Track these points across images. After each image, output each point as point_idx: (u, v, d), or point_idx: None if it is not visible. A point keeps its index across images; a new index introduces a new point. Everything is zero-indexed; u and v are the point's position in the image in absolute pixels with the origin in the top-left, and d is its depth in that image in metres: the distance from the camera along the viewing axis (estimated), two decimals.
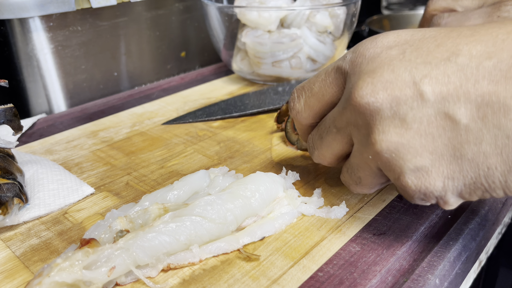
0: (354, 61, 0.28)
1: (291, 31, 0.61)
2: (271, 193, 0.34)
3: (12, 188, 0.34)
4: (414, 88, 0.25)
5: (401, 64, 0.26)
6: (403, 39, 0.27)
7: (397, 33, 0.28)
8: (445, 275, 0.30)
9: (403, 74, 0.25)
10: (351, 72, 0.28)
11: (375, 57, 0.27)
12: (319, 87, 0.31)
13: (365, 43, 0.28)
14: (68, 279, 0.25)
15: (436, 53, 0.25)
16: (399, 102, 0.25)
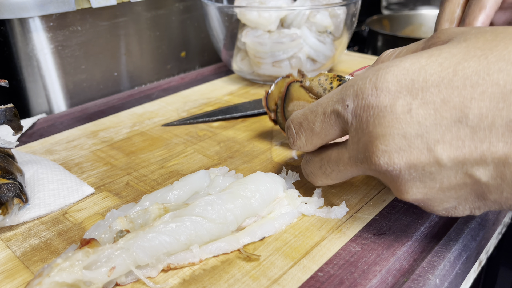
0: (357, 115, 0.27)
1: (291, 31, 0.61)
2: (271, 193, 0.34)
3: (12, 188, 0.34)
4: (429, 155, 0.25)
5: (411, 128, 0.25)
6: (403, 85, 0.25)
7: (394, 73, 0.26)
8: (445, 275, 0.30)
9: (415, 140, 0.25)
10: (357, 127, 0.27)
11: (381, 116, 0.26)
12: (321, 128, 0.30)
13: (364, 87, 0.27)
14: (68, 279, 0.25)
15: (444, 111, 0.24)
16: (416, 168, 0.26)
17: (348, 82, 0.28)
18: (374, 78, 0.26)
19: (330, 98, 0.29)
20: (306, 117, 0.31)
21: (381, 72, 0.26)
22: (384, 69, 0.26)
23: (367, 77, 0.27)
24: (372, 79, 0.26)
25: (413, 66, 0.25)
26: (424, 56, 0.26)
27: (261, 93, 0.63)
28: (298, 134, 0.32)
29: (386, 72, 0.26)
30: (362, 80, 0.27)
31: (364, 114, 0.27)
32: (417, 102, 0.25)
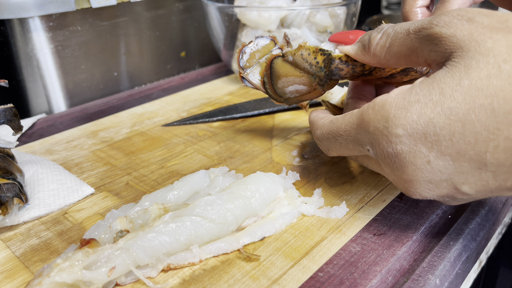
0: (381, 159, 0.28)
1: (291, 31, 0.61)
2: (271, 193, 0.34)
3: (12, 188, 0.34)
4: (457, 191, 0.27)
5: (435, 176, 0.26)
6: (417, 138, 0.26)
7: (404, 127, 0.26)
8: (445, 275, 0.30)
9: (441, 183, 0.27)
10: (384, 166, 0.29)
11: (403, 165, 0.27)
12: (348, 153, 0.33)
13: (378, 139, 0.28)
14: (68, 279, 0.25)
15: (462, 162, 0.25)
16: (447, 196, 0.28)
17: (361, 122, 0.29)
18: (385, 131, 0.27)
19: (348, 133, 0.31)
20: (330, 142, 0.33)
21: (391, 125, 0.26)
22: (392, 119, 0.26)
23: (378, 127, 0.27)
24: (384, 132, 0.27)
25: (421, 119, 0.25)
26: (429, 106, 0.25)
27: (261, 93, 0.63)
28: (329, 151, 0.34)
29: (396, 126, 0.26)
30: (374, 131, 0.28)
31: (387, 160, 0.28)
32: (433, 154, 0.26)
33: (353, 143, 0.31)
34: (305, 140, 0.48)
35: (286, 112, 0.56)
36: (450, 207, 0.36)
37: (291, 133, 0.50)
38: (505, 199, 0.38)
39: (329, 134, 0.33)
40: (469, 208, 0.36)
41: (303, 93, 0.39)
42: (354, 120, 0.30)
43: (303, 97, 0.40)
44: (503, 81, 0.23)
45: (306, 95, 0.39)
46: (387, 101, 0.27)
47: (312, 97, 0.40)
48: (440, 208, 0.36)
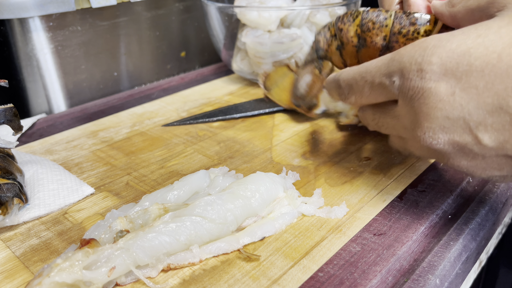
0: (403, 92, 0.28)
1: (291, 31, 0.61)
2: (271, 193, 0.34)
3: (12, 188, 0.34)
4: (471, 136, 0.26)
5: (454, 110, 0.26)
6: (448, 68, 0.26)
7: (440, 55, 0.26)
8: (445, 275, 0.30)
9: (458, 121, 0.26)
10: (403, 102, 0.29)
11: (426, 97, 0.27)
12: (369, 93, 0.32)
13: (410, 68, 0.27)
14: (68, 279, 0.25)
15: (486, 97, 0.25)
16: (460, 145, 0.27)
17: (395, 55, 0.29)
18: (420, 59, 0.27)
19: (378, 68, 0.30)
20: (356, 80, 0.32)
21: (427, 53, 0.27)
22: (431, 49, 0.26)
23: (413, 56, 0.27)
24: (418, 60, 0.27)
25: (459, 49, 0.26)
26: (472, 37, 0.26)
27: (261, 93, 0.63)
28: (349, 94, 0.34)
29: (432, 53, 0.26)
30: (408, 59, 0.28)
31: (410, 93, 0.28)
32: (460, 86, 0.26)
33: (380, 77, 0.30)
34: (305, 140, 0.48)
35: (286, 112, 0.56)
36: (450, 207, 0.36)
37: (291, 133, 0.50)
38: (505, 199, 0.38)
39: (356, 74, 0.32)
40: (469, 208, 0.36)
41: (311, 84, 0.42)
42: (389, 56, 0.30)
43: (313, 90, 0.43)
44: None
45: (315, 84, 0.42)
46: (429, 37, 0.28)
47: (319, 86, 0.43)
48: (440, 208, 0.36)
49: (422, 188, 0.38)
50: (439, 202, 0.36)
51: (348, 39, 0.40)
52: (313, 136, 0.49)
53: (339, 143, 0.47)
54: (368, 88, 0.31)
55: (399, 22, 0.36)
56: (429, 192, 0.38)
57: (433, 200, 0.36)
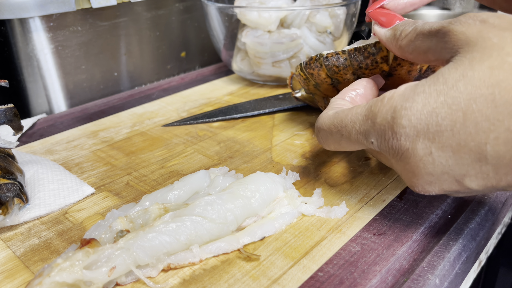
0: (384, 151, 0.29)
1: (291, 31, 0.61)
2: (271, 193, 0.34)
3: (13, 188, 0.34)
4: (459, 184, 0.27)
5: (436, 168, 0.26)
6: (419, 129, 0.26)
7: (408, 118, 0.26)
8: (445, 275, 0.30)
9: (443, 176, 0.27)
10: (387, 154, 0.29)
11: (406, 157, 0.27)
12: (347, 145, 0.32)
13: (384, 130, 0.28)
14: (68, 279, 0.25)
15: (462, 153, 0.25)
16: (451, 191, 0.28)
17: (369, 113, 0.29)
18: (391, 121, 0.27)
19: (353, 124, 0.31)
20: (331, 132, 0.33)
21: (397, 115, 0.27)
22: (399, 111, 0.27)
23: (385, 118, 0.28)
24: (390, 122, 0.27)
25: (424, 109, 0.26)
26: (433, 96, 0.26)
27: (261, 93, 0.63)
28: (326, 142, 0.34)
29: (401, 117, 0.27)
30: (381, 121, 0.28)
31: (390, 151, 0.28)
32: (435, 145, 0.26)
33: (356, 135, 0.30)
34: (305, 140, 0.48)
35: (286, 112, 0.56)
36: (450, 207, 0.36)
37: (291, 133, 0.50)
38: (505, 199, 0.38)
39: (331, 125, 0.33)
40: (468, 208, 0.36)
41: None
42: (363, 112, 0.30)
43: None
44: (505, 72, 0.24)
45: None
46: (396, 93, 0.28)
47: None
48: (440, 208, 0.36)
49: None
50: (439, 202, 0.36)
51: (322, 80, 0.42)
52: (313, 136, 0.49)
53: None
54: (345, 141, 0.32)
55: (355, 60, 0.38)
56: None
57: (433, 200, 0.36)
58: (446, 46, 0.28)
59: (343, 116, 0.32)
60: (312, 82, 0.43)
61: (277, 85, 0.66)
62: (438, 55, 0.29)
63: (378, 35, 0.35)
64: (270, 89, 0.65)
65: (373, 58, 0.37)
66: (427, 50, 0.30)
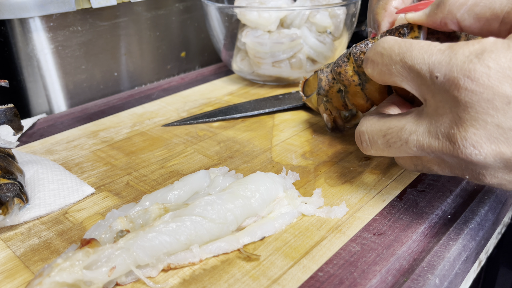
0: (445, 84, 0.26)
1: (291, 31, 0.61)
2: (271, 193, 0.34)
3: (13, 188, 0.34)
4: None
5: (509, 121, 0.24)
6: (508, 70, 0.24)
7: (497, 60, 0.24)
8: (445, 275, 0.30)
9: (510, 132, 0.24)
10: (444, 99, 0.26)
11: (477, 99, 0.25)
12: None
13: (466, 65, 0.25)
14: (68, 279, 0.25)
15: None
16: (505, 158, 0.25)
17: (446, 48, 0.26)
18: (475, 59, 0.25)
19: (424, 52, 0.27)
20: (393, 58, 0.29)
21: (485, 56, 0.24)
22: (489, 52, 0.24)
23: (469, 54, 0.25)
24: (473, 60, 0.25)
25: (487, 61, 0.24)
26: None
27: (261, 93, 0.63)
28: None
29: (490, 58, 0.24)
30: (462, 56, 0.25)
31: (455, 91, 0.25)
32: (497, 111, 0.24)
33: (421, 64, 0.27)
34: (305, 140, 0.48)
35: (286, 112, 0.56)
36: (450, 207, 0.36)
37: (291, 133, 0.50)
38: (505, 199, 0.38)
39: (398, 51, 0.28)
40: (468, 208, 0.36)
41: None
42: (438, 45, 0.27)
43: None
44: None
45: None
46: (484, 40, 0.25)
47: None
48: (440, 208, 0.36)
49: (421, 188, 0.38)
50: (439, 202, 0.36)
51: (349, 80, 0.40)
52: (313, 136, 0.49)
53: (339, 143, 0.47)
54: (401, 67, 0.28)
55: None
56: (429, 192, 0.38)
57: (433, 200, 0.36)
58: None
59: (415, 42, 0.28)
60: (338, 86, 0.41)
61: (277, 85, 0.66)
62: (505, 21, 0.26)
63: (416, 18, 0.32)
64: (270, 89, 0.65)
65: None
66: (494, 17, 0.27)
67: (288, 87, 0.65)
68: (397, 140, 0.30)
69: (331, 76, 0.43)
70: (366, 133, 0.32)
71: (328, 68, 0.44)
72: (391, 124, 0.30)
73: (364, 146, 0.33)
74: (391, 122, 0.30)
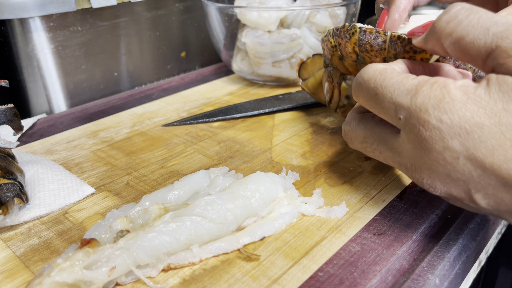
0: (410, 131, 0.27)
1: (291, 31, 0.61)
2: (271, 193, 0.34)
3: (13, 188, 0.34)
4: (469, 196, 0.27)
5: (456, 173, 0.26)
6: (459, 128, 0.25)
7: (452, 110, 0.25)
8: (445, 274, 0.30)
9: (458, 182, 0.26)
10: (406, 137, 0.28)
11: (429, 149, 0.26)
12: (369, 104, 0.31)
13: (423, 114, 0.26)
14: (68, 279, 0.25)
15: (493, 174, 0.25)
16: (455, 198, 0.28)
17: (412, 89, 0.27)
18: (431, 110, 0.26)
19: (393, 91, 0.28)
20: (369, 85, 0.30)
21: (442, 108, 0.26)
22: (446, 105, 0.26)
23: (427, 103, 0.26)
24: (429, 111, 0.26)
25: (472, 120, 0.25)
26: (488, 113, 0.25)
27: (261, 93, 0.63)
28: (357, 93, 0.32)
29: (445, 112, 0.26)
30: (421, 105, 0.27)
31: (413, 137, 0.27)
32: (467, 155, 0.25)
33: (389, 103, 0.28)
34: (305, 140, 0.48)
35: (286, 112, 0.56)
36: (450, 207, 0.36)
37: (291, 133, 0.50)
38: None
39: (373, 78, 0.30)
40: None
41: None
42: (407, 84, 0.28)
43: None
44: None
45: None
46: (449, 85, 0.26)
47: None
48: (440, 208, 0.36)
49: (421, 187, 0.38)
50: (439, 201, 0.36)
51: (347, 54, 0.40)
52: (313, 136, 0.49)
53: (339, 143, 0.47)
54: (374, 102, 0.30)
55: (394, 48, 0.35)
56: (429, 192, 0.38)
57: (433, 200, 0.36)
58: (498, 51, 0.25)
59: (388, 77, 0.29)
60: (338, 53, 0.41)
61: (277, 85, 0.66)
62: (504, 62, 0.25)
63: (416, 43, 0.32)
64: (270, 89, 0.65)
65: (413, 55, 0.34)
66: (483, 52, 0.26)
67: (288, 87, 0.65)
68: (371, 151, 0.33)
69: (330, 45, 0.42)
70: (348, 133, 0.35)
71: (328, 36, 0.42)
72: (367, 133, 0.33)
73: (347, 141, 0.36)
74: (368, 132, 0.33)
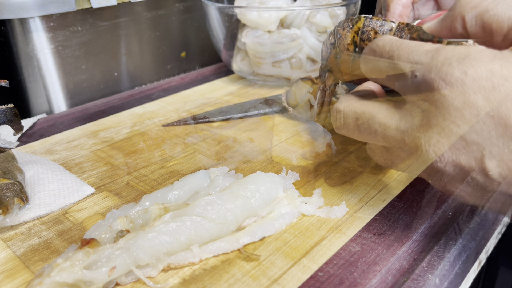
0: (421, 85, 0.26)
1: (291, 31, 0.61)
2: (271, 193, 0.34)
3: (13, 188, 0.34)
4: (479, 163, 0.25)
5: (472, 135, 0.24)
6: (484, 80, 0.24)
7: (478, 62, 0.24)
8: (445, 274, 0.30)
9: (472, 146, 0.24)
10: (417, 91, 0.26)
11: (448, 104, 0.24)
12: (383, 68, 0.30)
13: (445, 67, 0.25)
14: (68, 279, 0.26)
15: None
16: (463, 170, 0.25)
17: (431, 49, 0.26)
18: (456, 64, 0.24)
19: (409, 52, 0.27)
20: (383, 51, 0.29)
21: (467, 62, 0.24)
22: (471, 60, 0.24)
23: (451, 58, 0.25)
24: (453, 64, 0.25)
25: (502, 71, 0.24)
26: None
27: (261, 93, 0.63)
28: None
29: (471, 65, 0.24)
30: (444, 60, 0.25)
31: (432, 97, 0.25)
32: (488, 110, 0.24)
33: (404, 63, 0.27)
34: (305, 140, 0.48)
35: (286, 112, 0.56)
36: (450, 207, 0.36)
37: (291, 133, 0.50)
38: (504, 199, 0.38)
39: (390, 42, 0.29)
40: (468, 208, 0.36)
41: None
42: (426, 46, 0.26)
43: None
44: None
45: None
46: (471, 46, 0.25)
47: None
48: (440, 208, 0.36)
49: (421, 188, 0.38)
50: (439, 202, 0.36)
51: (344, 46, 0.38)
52: (313, 136, 0.49)
53: (339, 143, 0.47)
54: (386, 65, 0.28)
55: (400, 36, 0.34)
56: (429, 191, 0.38)
57: (433, 200, 0.36)
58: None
59: (405, 43, 0.28)
60: (335, 50, 0.39)
61: (277, 85, 0.66)
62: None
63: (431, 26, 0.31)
64: (270, 89, 0.65)
65: None
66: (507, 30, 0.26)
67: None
68: (367, 127, 0.30)
69: (329, 43, 0.40)
70: (342, 111, 0.32)
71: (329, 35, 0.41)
72: (365, 109, 0.30)
73: (337, 124, 0.33)
74: (366, 107, 0.30)
